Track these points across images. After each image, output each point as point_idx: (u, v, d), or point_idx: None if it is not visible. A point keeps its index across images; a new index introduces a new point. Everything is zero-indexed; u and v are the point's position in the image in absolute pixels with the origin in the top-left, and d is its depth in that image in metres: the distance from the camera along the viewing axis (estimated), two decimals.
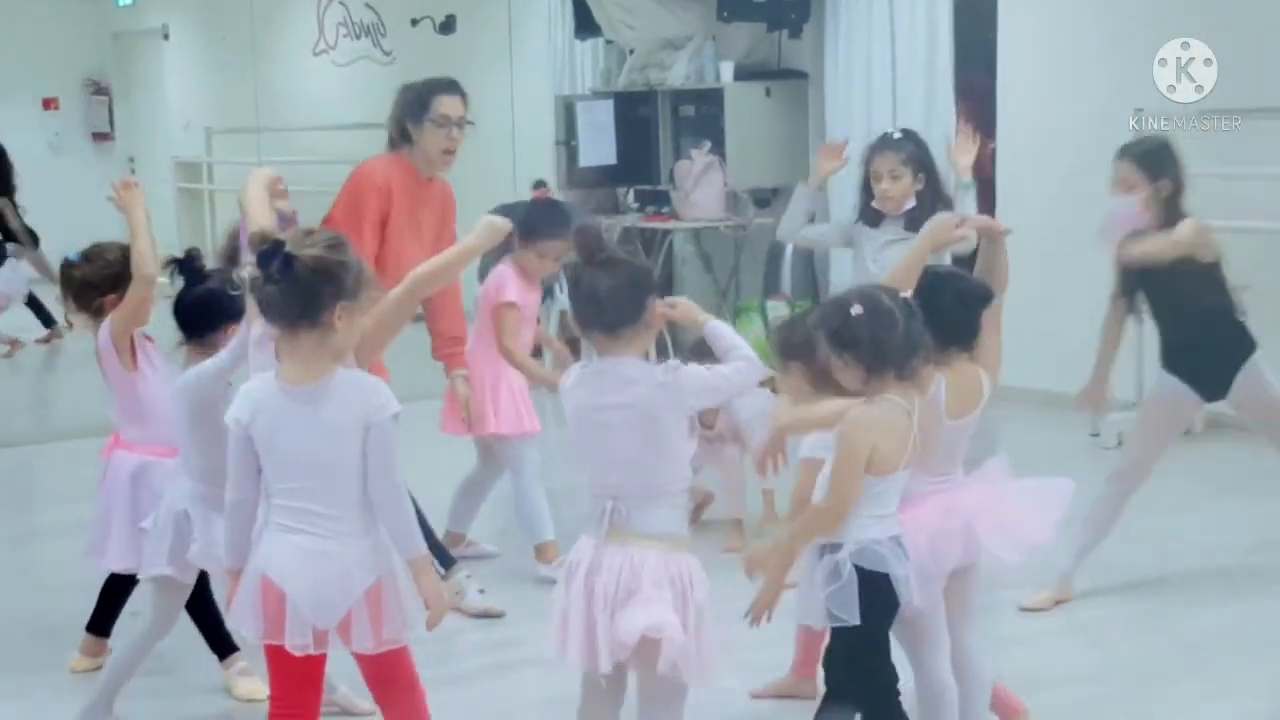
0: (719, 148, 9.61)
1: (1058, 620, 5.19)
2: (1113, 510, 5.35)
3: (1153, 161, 5.09)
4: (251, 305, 3.68)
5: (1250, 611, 5.25)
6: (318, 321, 3.32)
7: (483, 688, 4.81)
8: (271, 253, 3.30)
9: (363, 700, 4.12)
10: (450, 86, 5.36)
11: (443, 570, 5.24)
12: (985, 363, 3.86)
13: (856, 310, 3.46)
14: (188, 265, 4.39)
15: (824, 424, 3.67)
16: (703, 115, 9.90)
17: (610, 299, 3.36)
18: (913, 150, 5.40)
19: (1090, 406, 5.86)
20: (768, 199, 9.84)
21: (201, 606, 4.54)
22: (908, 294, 3.57)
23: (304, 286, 3.29)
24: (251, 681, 4.53)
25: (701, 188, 9.59)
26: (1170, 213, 5.05)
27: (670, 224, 9.74)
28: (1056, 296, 8.11)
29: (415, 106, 5.29)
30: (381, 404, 3.33)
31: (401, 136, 5.34)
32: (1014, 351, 7.35)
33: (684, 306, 3.53)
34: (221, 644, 4.60)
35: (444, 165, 5.37)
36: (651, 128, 10.16)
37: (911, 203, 5.36)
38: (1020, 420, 8.34)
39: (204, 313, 4.32)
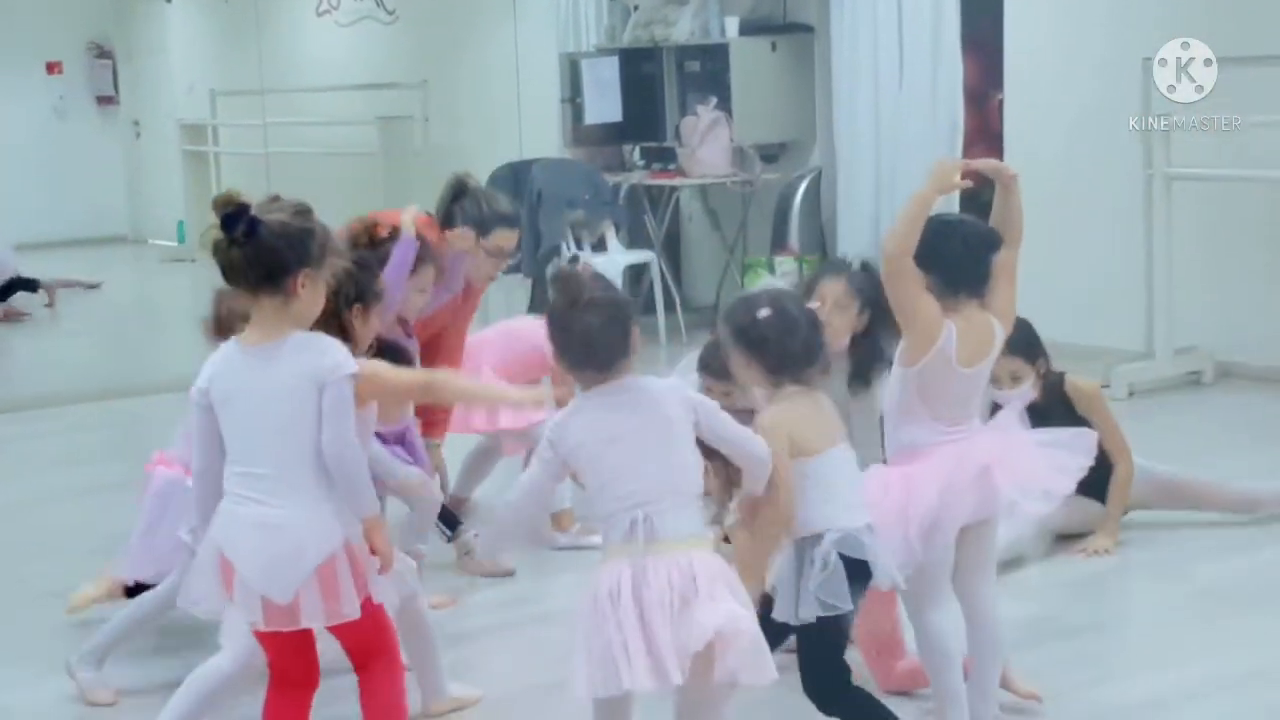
0: (725, 103, 9.57)
1: (1068, 572, 5.19)
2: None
3: (1028, 348, 5.04)
4: None
5: (1269, 562, 5.24)
6: (280, 287, 3.31)
7: (492, 643, 4.82)
8: (236, 215, 3.27)
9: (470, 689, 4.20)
10: (514, 220, 5.48)
11: (449, 531, 5.26)
12: (998, 310, 3.85)
13: (764, 313, 3.53)
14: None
15: None
16: (708, 71, 9.86)
17: (601, 338, 3.34)
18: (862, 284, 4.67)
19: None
20: (774, 154, 9.81)
21: None
22: (814, 305, 3.70)
23: (269, 251, 3.28)
24: None
25: (708, 144, 9.56)
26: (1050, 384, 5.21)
27: (677, 180, 9.72)
28: (1063, 246, 8.08)
29: (476, 224, 5.34)
30: (337, 363, 3.31)
31: (447, 222, 5.37)
32: (1023, 300, 7.37)
33: None
34: None
35: (483, 285, 5.54)
36: (657, 84, 10.12)
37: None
38: None
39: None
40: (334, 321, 3.73)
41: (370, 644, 3.46)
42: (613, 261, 9.25)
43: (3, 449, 7.69)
